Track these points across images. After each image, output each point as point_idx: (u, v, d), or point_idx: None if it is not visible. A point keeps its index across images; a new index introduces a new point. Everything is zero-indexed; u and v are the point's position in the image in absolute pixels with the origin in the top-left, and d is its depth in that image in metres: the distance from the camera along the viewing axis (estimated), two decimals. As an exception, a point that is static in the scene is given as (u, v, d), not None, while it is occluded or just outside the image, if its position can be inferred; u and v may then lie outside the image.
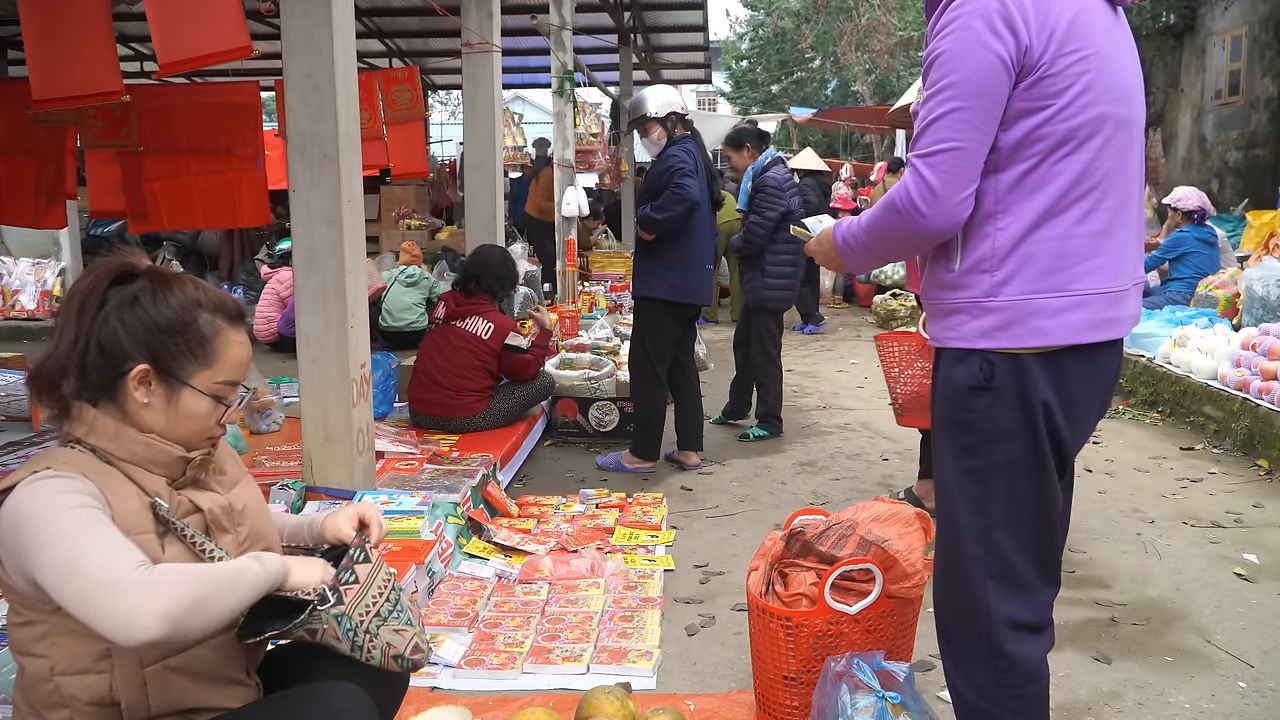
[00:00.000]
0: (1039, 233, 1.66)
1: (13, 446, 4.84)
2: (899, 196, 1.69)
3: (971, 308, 1.71)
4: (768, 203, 5.15)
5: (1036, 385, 1.68)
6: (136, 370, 1.48)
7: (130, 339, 1.48)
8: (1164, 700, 2.54)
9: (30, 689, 1.48)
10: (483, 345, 4.69)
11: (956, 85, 1.61)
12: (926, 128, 1.65)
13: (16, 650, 1.48)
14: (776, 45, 24.00)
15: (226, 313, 1.57)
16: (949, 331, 1.76)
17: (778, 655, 2.31)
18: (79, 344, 1.49)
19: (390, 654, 1.56)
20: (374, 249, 9.90)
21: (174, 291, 1.53)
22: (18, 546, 1.35)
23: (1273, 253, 7.02)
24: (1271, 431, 4.68)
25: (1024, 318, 1.67)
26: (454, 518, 3.55)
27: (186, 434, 1.54)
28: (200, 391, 1.53)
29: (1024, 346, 1.67)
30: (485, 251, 4.98)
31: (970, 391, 1.71)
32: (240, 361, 1.58)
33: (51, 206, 5.73)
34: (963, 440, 1.75)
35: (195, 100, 5.71)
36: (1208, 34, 11.68)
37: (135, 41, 10.42)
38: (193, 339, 1.52)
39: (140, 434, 1.51)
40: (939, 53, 1.65)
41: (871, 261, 1.90)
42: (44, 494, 1.37)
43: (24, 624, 1.45)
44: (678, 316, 4.63)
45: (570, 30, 7.56)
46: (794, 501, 4.24)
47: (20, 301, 9.57)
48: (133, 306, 1.50)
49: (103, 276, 1.52)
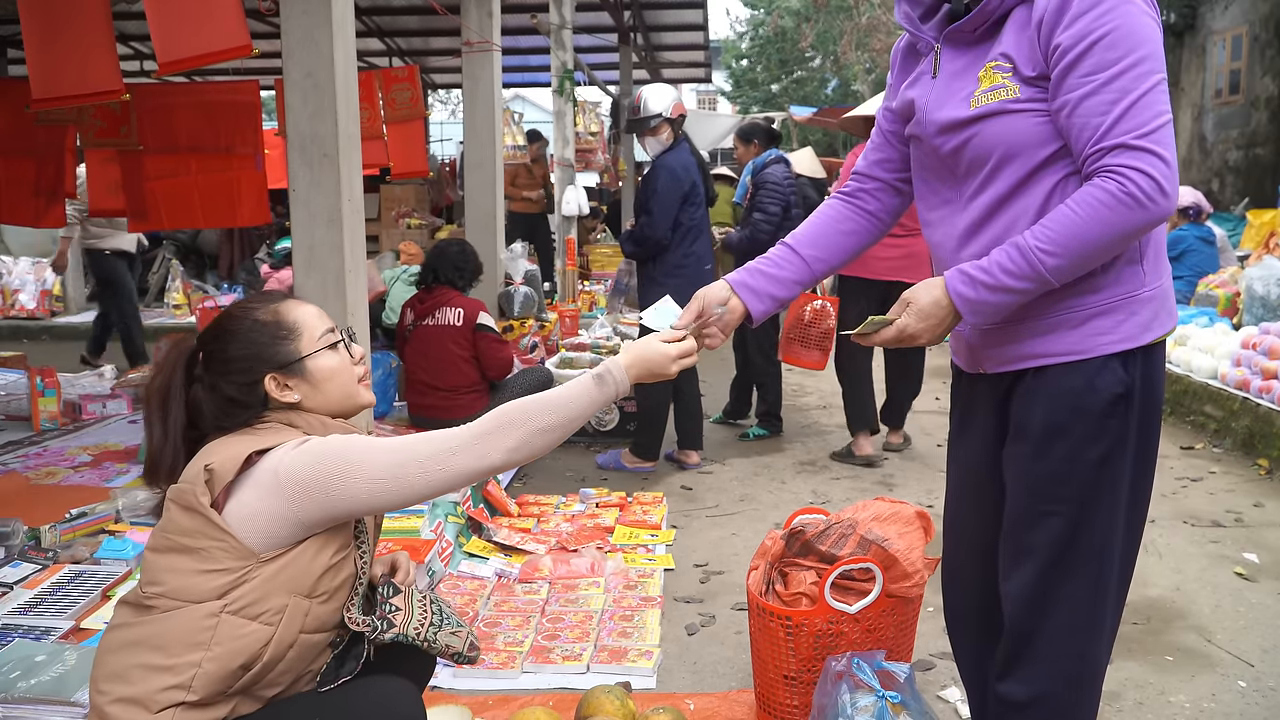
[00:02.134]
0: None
1: (12, 446, 4.84)
2: (1136, 187, 1.47)
3: (1127, 303, 1.59)
4: (770, 197, 5.14)
5: (1161, 377, 1.66)
6: (267, 381, 1.63)
7: (241, 379, 1.62)
8: (1164, 700, 2.54)
9: (166, 628, 1.48)
10: (459, 333, 4.58)
11: (1150, 58, 1.49)
12: (1133, 105, 1.47)
13: (176, 596, 1.50)
14: (776, 44, 23.99)
15: (273, 299, 1.71)
16: (1099, 337, 1.59)
17: (778, 654, 2.31)
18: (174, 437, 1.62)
19: (449, 653, 1.73)
20: (374, 248, 9.90)
21: (228, 321, 1.67)
22: (322, 481, 1.50)
23: (1273, 252, 7.03)
24: (1272, 431, 4.68)
25: (1165, 301, 1.62)
26: (454, 517, 3.55)
27: (341, 389, 1.69)
28: (316, 353, 1.66)
29: (1165, 333, 1.62)
30: (440, 245, 4.92)
31: (1115, 400, 1.60)
32: (316, 313, 1.71)
33: (51, 205, 5.74)
34: (1098, 450, 1.62)
35: (195, 99, 5.71)
36: (1208, 33, 11.68)
37: (135, 40, 10.42)
38: (271, 330, 1.65)
39: (323, 414, 1.67)
40: (1106, 31, 1.48)
41: (1032, 296, 1.58)
42: (308, 444, 1.54)
43: (208, 571, 1.49)
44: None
45: (570, 29, 7.57)
46: (794, 501, 4.24)
47: (20, 300, 9.58)
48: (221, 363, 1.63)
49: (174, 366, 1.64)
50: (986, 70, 1.59)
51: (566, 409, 1.58)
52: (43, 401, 5.18)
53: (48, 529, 3.32)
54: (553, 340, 6.40)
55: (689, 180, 4.51)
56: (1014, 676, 1.71)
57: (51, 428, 5.17)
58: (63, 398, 5.32)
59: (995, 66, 1.58)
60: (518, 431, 1.55)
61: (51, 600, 2.88)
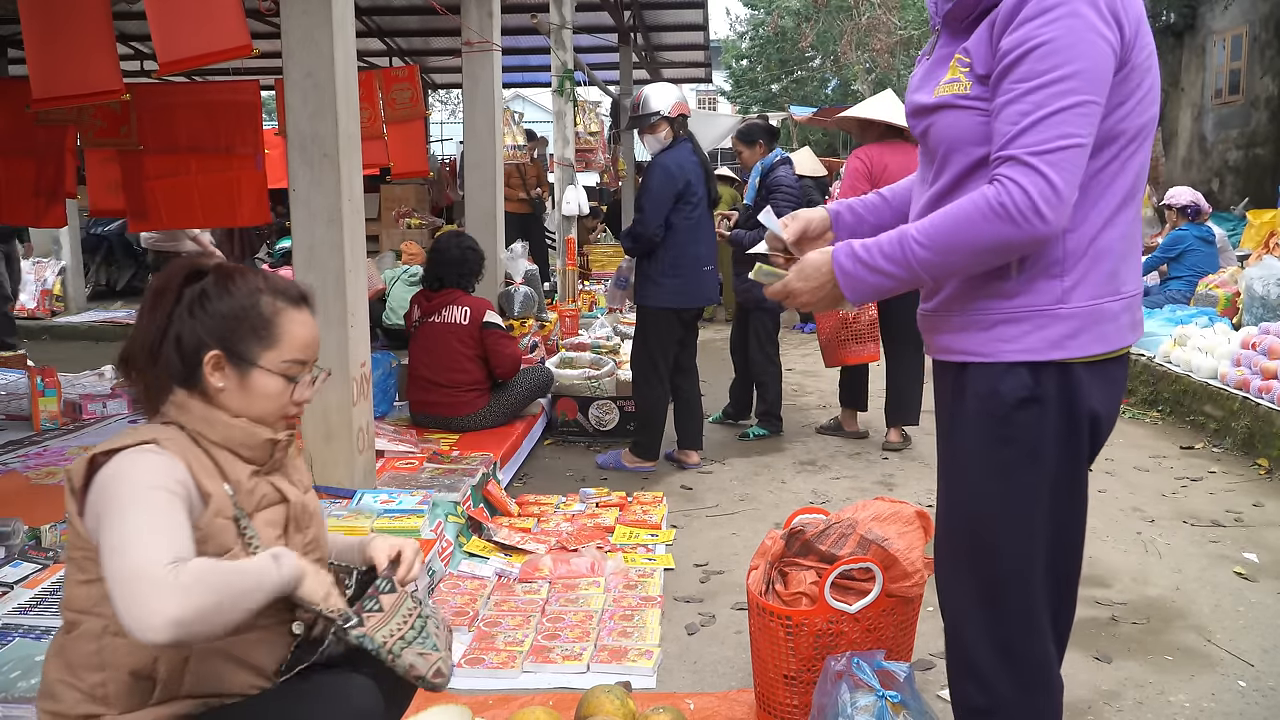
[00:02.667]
0: (1107, 232, 1.56)
1: (13, 446, 4.83)
2: (1010, 200, 1.46)
3: (1036, 316, 1.57)
4: (785, 200, 5.14)
5: (1085, 394, 1.59)
6: (209, 356, 1.58)
7: (202, 329, 1.59)
8: (1164, 699, 2.54)
9: (71, 648, 1.51)
10: (465, 331, 4.63)
11: (1077, 76, 1.45)
12: (1040, 121, 1.46)
13: (72, 608, 1.52)
14: (777, 44, 24.00)
15: (288, 296, 1.66)
16: (1002, 344, 1.59)
17: (778, 654, 2.31)
18: (156, 335, 1.60)
19: (413, 673, 1.60)
20: (374, 248, 9.90)
21: (237, 281, 1.63)
22: (98, 509, 1.44)
23: (1273, 252, 7.03)
24: (1271, 430, 4.68)
25: (1092, 324, 1.56)
26: (454, 516, 3.55)
27: (261, 413, 1.63)
28: (269, 371, 1.62)
29: (1089, 355, 1.57)
30: (442, 245, 4.90)
31: (1019, 404, 1.59)
32: (304, 340, 1.66)
33: (51, 205, 5.74)
34: (1007, 454, 1.62)
35: (195, 99, 5.72)
36: (1208, 33, 11.68)
37: (135, 40, 10.41)
38: (255, 321, 1.61)
39: (230, 417, 1.60)
40: (1043, 40, 1.46)
41: (905, 287, 1.62)
42: (139, 467, 1.47)
43: (87, 582, 1.49)
44: (680, 319, 4.63)
45: (570, 29, 7.56)
46: (794, 500, 4.24)
47: (20, 300, 9.57)
48: (202, 299, 1.61)
49: (177, 275, 1.64)
50: (954, 62, 1.60)
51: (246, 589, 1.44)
52: (43, 401, 5.18)
53: (48, 528, 3.32)
54: (553, 340, 6.40)
55: (684, 179, 4.50)
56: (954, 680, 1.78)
57: (52, 427, 5.17)
58: (63, 397, 5.32)
59: (959, 60, 1.59)
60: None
61: (52, 600, 2.88)
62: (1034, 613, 1.67)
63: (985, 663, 1.70)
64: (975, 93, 1.57)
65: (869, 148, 5.02)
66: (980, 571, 1.69)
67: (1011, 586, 1.66)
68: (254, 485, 1.62)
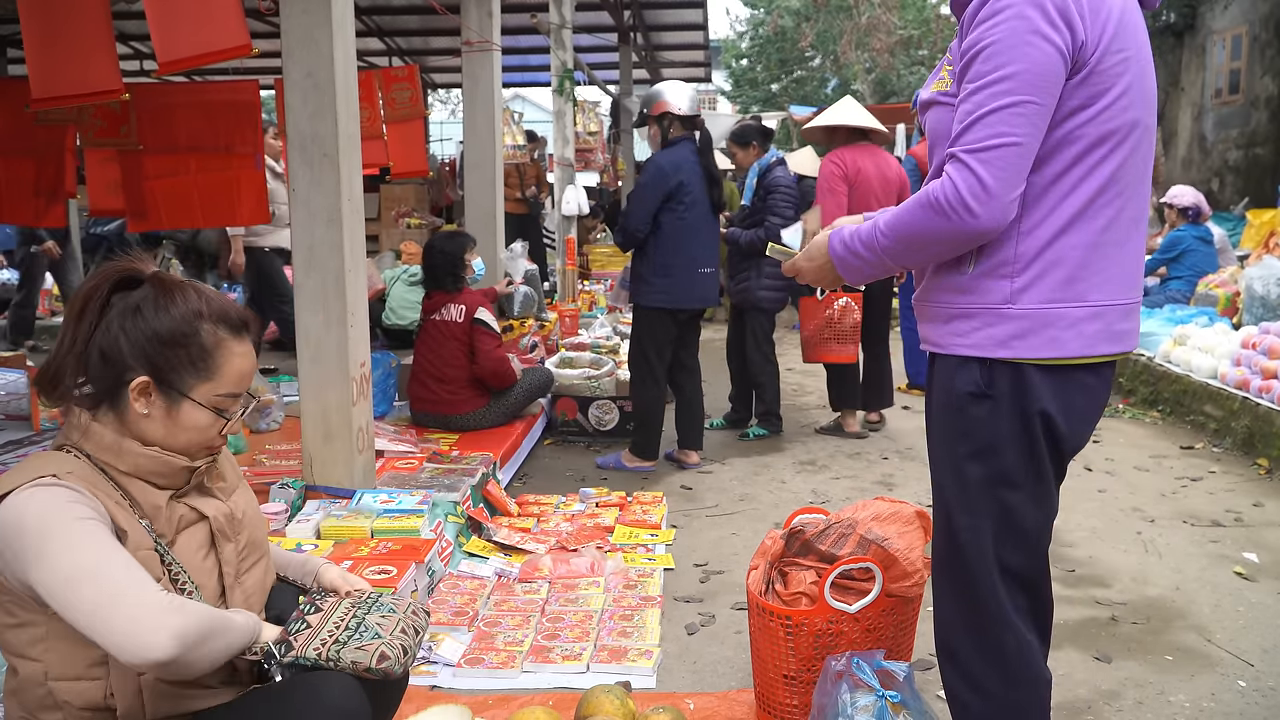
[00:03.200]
0: (1065, 238, 1.58)
1: (12, 446, 4.84)
2: (943, 194, 1.55)
3: (985, 314, 1.63)
4: (784, 200, 5.18)
5: (1036, 395, 1.62)
6: (137, 382, 1.47)
7: (131, 348, 1.47)
8: (1164, 699, 2.54)
9: (22, 691, 1.46)
10: (459, 328, 4.65)
11: (1015, 77, 1.51)
12: (977, 120, 1.53)
13: (9, 652, 1.46)
14: (776, 44, 23.99)
15: (229, 323, 1.54)
16: (955, 338, 1.67)
17: (778, 654, 2.31)
18: (78, 347, 1.49)
19: (360, 668, 1.52)
20: (374, 248, 9.90)
21: (176, 301, 1.50)
22: (16, 552, 1.34)
23: (1273, 251, 7.03)
24: (1271, 430, 4.68)
25: (1041, 327, 1.60)
26: (454, 516, 3.55)
27: (185, 444, 1.53)
28: (200, 404, 1.52)
29: (1039, 357, 1.60)
30: (426, 249, 4.94)
31: (970, 399, 1.65)
32: (242, 374, 1.56)
33: (51, 205, 5.73)
34: (962, 449, 1.69)
35: (195, 99, 5.71)
36: (1208, 33, 11.68)
37: (135, 40, 10.41)
38: (194, 351, 1.50)
39: (143, 446, 1.50)
40: (989, 43, 1.53)
41: (883, 271, 1.74)
42: (50, 503, 1.36)
43: (18, 625, 1.43)
44: (675, 319, 4.62)
45: (570, 29, 7.56)
46: (794, 500, 4.24)
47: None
48: (135, 315, 1.49)
49: (106, 281, 1.51)
50: (946, 58, 1.71)
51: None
52: (43, 401, 5.18)
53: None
54: (553, 340, 6.40)
55: (676, 179, 4.47)
56: (942, 671, 1.83)
57: (52, 427, 5.17)
58: (63, 397, 5.31)
59: (947, 59, 1.70)
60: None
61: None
62: (1000, 605, 1.71)
63: (963, 653, 1.76)
64: (954, 90, 1.64)
65: (840, 151, 5.18)
66: (951, 561, 1.76)
67: (976, 578, 1.71)
68: (170, 510, 1.53)
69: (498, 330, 4.75)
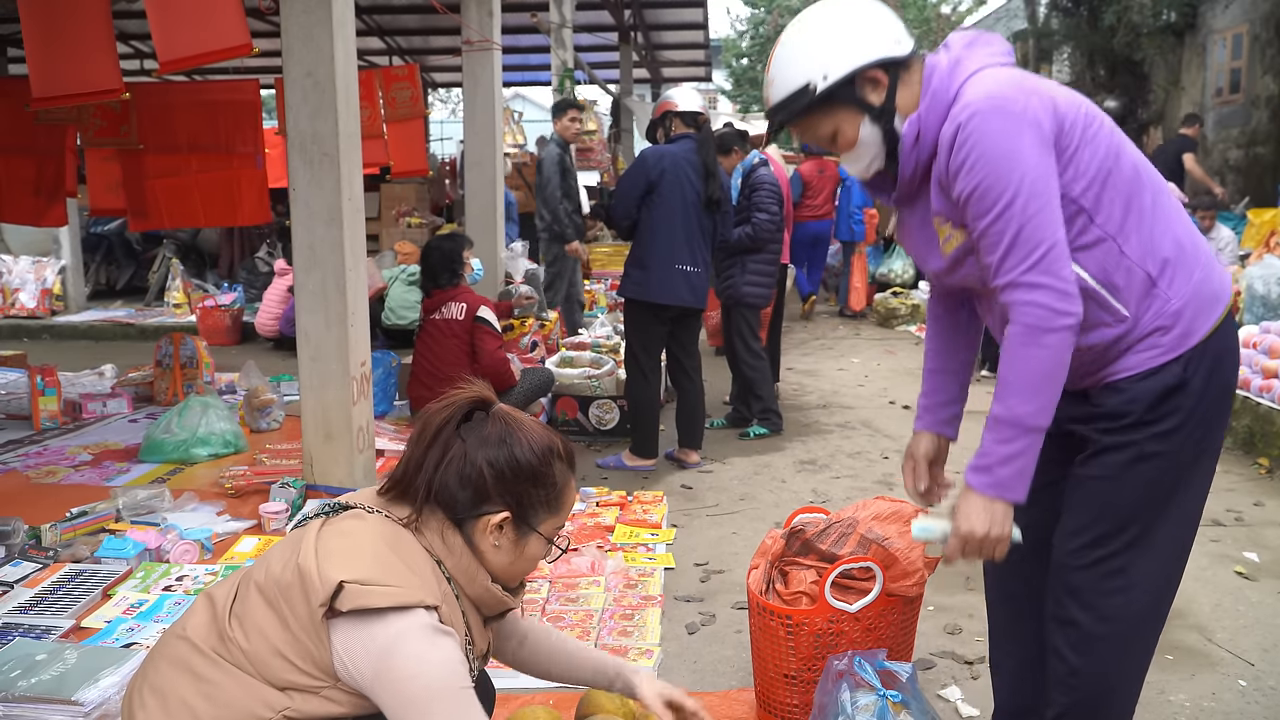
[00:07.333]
0: (1155, 227, 1.67)
1: (13, 445, 4.84)
2: (1031, 319, 1.59)
3: (1160, 329, 1.67)
4: (769, 197, 5.30)
5: (1229, 358, 1.71)
6: (499, 518, 1.51)
7: (495, 481, 1.50)
8: (1164, 699, 2.54)
9: (232, 690, 1.41)
10: (460, 326, 4.67)
11: (1017, 192, 1.58)
12: (1012, 246, 1.59)
13: (249, 661, 1.42)
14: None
15: (570, 460, 1.61)
16: (1146, 364, 1.68)
17: (778, 653, 2.31)
18: (431, 470, 1.51)
19: None
20: (374, 247, 9.89)
21: (535, 437, 1.55)
22: (384, 682, 1.36)
23: (1273, 251, 7.02)
24: (1272, 430, 4.68)
25: (1203, 294, 1.68)
26: (454, 516, 3.55)
27: (517, 575, 1.59)
28: (543, 537, 1.57)
29: (1218, 318, 1.69)
30: (424, 252, 4.95)
31: (1165, 395, 1.67)
32: (573, 505, 1.62)
33: (52, 204, 5.74)
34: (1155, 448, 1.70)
35: (195, 98, 5.72)
36: (1208, 32, 11.68)
37: (135, 39, 10.42)
38: (550, 489, 1.55)
39: (489, 580, 1.54)
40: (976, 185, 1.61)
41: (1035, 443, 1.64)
42: (437, 657, 1.38)
43: (290, 663, 1.41)
44: (657, 315, 4.55)
45: (570, 28, 7.58)
46: (794, 500, 4.24)
47: (20, 300, 9.58)
48: (499, 447, 1.52)
49: (459, 409, 1.56)
50: (937, 223, 1.76)
51: None
52: (43, 400, 5.19)
53: (48, 528, 3.32)
54: (553, 339, 6.40)
55: (658, 170, 4.44)
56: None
57: (52, 426, 5.17)
58: (63, 396, 5.32)
59: (940, 220, 1.75)
60: None
61: (52, 599, 2.88)
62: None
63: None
64: (967, 229, 1.70)
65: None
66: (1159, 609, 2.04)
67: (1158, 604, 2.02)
68: (482, 639, 1.59)
69: (499, 330, 4.76)
